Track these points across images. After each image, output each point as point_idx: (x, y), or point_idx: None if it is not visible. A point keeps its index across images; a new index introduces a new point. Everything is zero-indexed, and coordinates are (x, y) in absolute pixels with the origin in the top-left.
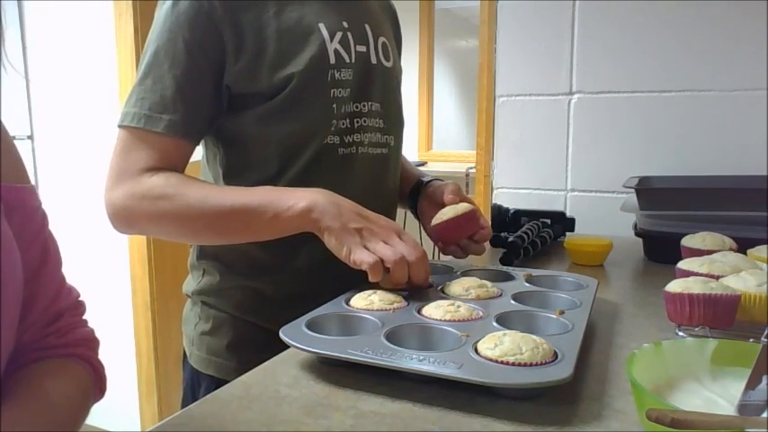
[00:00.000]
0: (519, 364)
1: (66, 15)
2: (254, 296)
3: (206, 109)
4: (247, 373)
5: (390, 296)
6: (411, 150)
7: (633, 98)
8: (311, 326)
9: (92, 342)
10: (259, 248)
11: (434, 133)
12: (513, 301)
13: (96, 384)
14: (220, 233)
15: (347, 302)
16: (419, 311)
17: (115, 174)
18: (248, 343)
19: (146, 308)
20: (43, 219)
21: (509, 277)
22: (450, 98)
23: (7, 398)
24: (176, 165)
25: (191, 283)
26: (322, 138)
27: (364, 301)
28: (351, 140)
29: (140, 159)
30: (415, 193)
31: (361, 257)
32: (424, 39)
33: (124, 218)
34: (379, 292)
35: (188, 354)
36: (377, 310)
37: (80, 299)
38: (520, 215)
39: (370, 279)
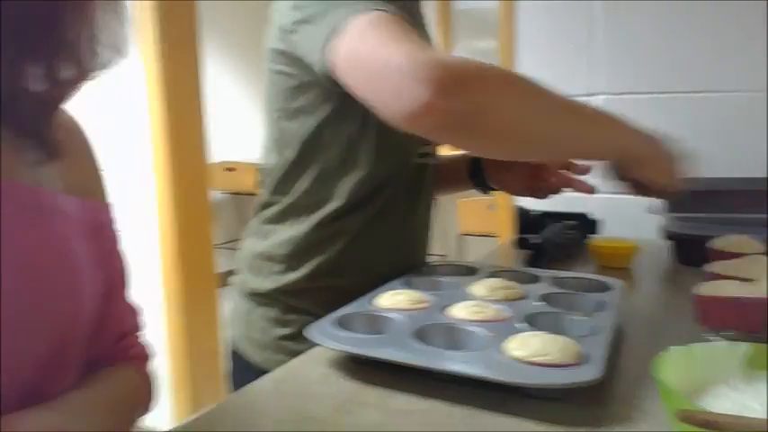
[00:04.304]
0: (547, 365)
1: None
2: (343, 296)
3: None
4: (276, 370)
5: (416, 296)
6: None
7: (657, 99)
8: (338, 324)
9: (147, 359)
10: (350, 248)
11: None
12: (539, 303)
13: (147, 396)
14: (556, 123)
15: (373, 302)
16: (445, 312)
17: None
18: None
19: (177, 307)
20: (117, 236)
21: (535, 279)
22: None
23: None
24: None
25: (261, 282)
26: (423, 143)
27: (390, 301)
28: (425, 151)
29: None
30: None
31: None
32: (440, 40)
33: (460, 78)
34: (405, 291)
35: (259, 359)
36: (403, 309)
37: (141, 317)
38: (544, 217)
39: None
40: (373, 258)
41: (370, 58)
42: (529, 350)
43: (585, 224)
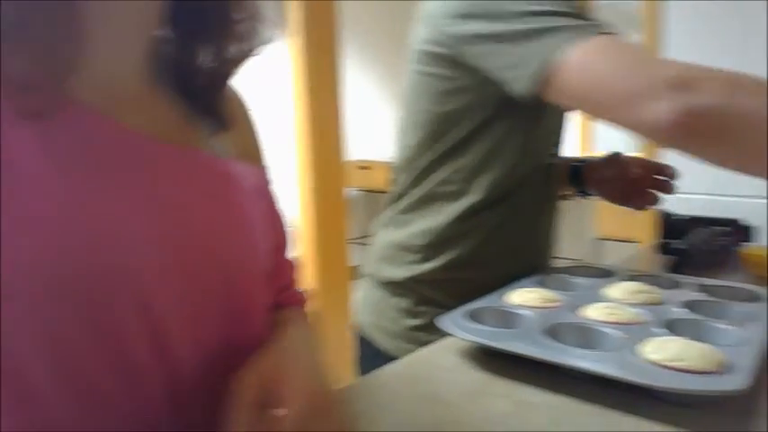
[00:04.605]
0: (685, 370)
1: None
2: (474, 289)
3: None
4: (407, 357)
5: (548, 294)
6: (570, 151)
7: None
8: (469, 317)
9: (305, 303)
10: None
11: (596, 132)
12: (680, 309)
13: None
14: None
15: (504, 297)
16: (577, 312)
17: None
18: None
19: (313, 297)
20: (275, 196)
21: (677, 285)
22: None
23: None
24: None
25: (395, 271)
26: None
27: (521, 298)
28: (553, 152)
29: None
30: (574, 175)
31: None
32: None
33: (705, 90)
34: (536, 290)
35: (389, 347)
36: (534, 307)
37: (297, 272)
38: (692, 222)
39: None
40: (506, 254)
41: (610, 83)
42: (666, 354)
43: (738, 231)
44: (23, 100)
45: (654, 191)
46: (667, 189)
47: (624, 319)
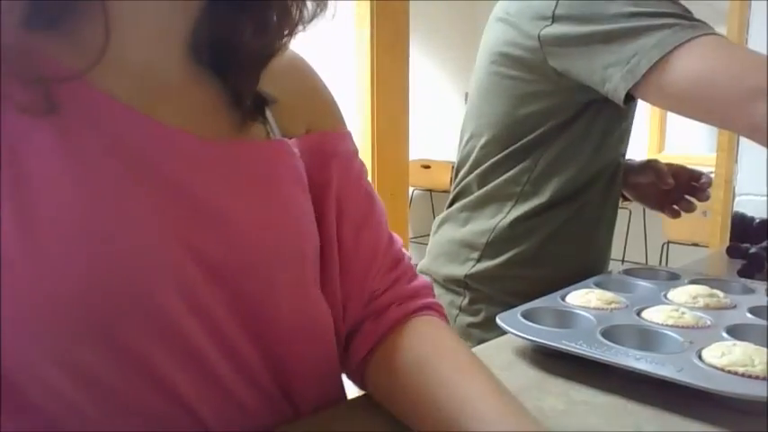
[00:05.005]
0: (749, 376)
1: None
2: (532, 287)
3: None
4: None
5: (608, 296)
6: (640, 153)
7: None
8: (527, 316)
9: (430, 288)
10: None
11: (668, 134)
12: (748, 314)
13: None
14: None
15: (563, 298)
16: (639, 314)
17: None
18: None
19: None
20: (361, 165)
21: (747, 290)
22: None
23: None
24: None
25: (456, 268)
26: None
27: (581, 299)
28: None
29: None
30: None
31: None
32: None
33: None
34: (596, 291)
35: None
36: (593, 308)
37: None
38: (765, 225)
39: None
40: (567, 253)
41: (722, 85)
42: (729, 359)
43: None
44: (25, 95)
45: (689, 197)
46: (702, 197)
47: (686, 322)
